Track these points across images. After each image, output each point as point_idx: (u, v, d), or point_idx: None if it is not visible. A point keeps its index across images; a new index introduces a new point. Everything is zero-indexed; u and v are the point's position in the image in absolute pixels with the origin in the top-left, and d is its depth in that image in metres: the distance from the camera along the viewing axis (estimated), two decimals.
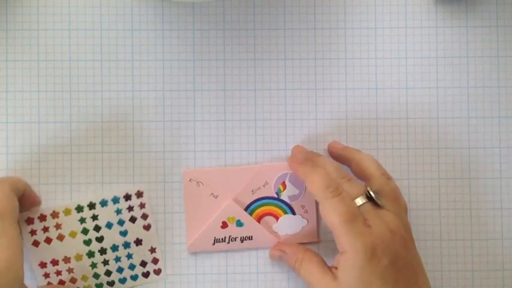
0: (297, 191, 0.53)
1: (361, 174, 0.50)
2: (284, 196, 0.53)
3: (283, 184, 0.53)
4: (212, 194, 0.52)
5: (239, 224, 0.52)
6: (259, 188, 0.53)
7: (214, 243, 0.52)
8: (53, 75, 0.53)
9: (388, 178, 0.49)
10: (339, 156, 0.52)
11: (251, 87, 0.54)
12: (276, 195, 0.53)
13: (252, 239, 0.52)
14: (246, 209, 0.53)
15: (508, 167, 0.54)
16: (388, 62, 0.54)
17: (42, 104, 0.53)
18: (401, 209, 0.48)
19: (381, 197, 0.47)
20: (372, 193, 0.47)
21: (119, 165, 0.53)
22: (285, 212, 0.53)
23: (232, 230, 0.52)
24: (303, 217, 0.53)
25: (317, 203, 0.52)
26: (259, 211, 0.53)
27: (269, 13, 0.54)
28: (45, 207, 0.52)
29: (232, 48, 0.54)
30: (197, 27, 0.54)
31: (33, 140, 0.53)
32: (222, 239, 0.52)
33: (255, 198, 0.53)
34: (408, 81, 0.54)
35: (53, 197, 0.53)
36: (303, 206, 0.53)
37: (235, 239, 0.52)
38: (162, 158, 0.53)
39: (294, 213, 0.53)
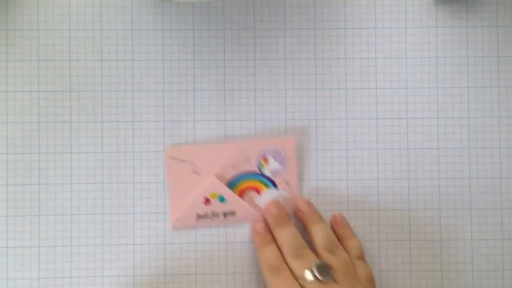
0: (279, 166, 0.53)
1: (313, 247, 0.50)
2: (266, 171, 0.53)
3: (265, 159, 0.53)
4: (194, 171, 0.53)
5: (222, 199, 0.52)
6: (240, 164, 0.53)
7: (197, 219, 0.52)
8: (53, 75, 0.53)
9: (332, 251, 0.49)
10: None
11: (251, 87, 0.54)
12: (258, 170, 0.53)
13: (235, 214, 0.53)
14: (228, 185, 0.53)
15: (508, 167, 0.54)
16: (388, 62, 0.54)
17: (42, 104, 0.53)
18: (356, 281, 0.48)
19: (332, 270, 0.47)
20: (314, 271, 0.47)
21: (118, 165, 0.53)
22: (267, 186, 0.53)
23: (215, 206, 0.52)
24: (285, 191, 0.53)
25: (298, 178, 0.53)
26: (241, 186, 0.53)
27: (269, 13, 0.54)
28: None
29: (232, 48, 0.54)
30: (197, 27, 0.54)
31: (33, 140, 0.53)
32: (205, 214, 0.52)
33: (237, 174, 0.53)
34: (408, 81, 0.54)
35: (52, 197, 0.53)
36: (285, 180, 0.53)
37: (218, 214, 0.53)
38: (163, 158, 0.53)
39: (276, 187, 0.53)
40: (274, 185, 0.53)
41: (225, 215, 0.53)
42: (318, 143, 0.54)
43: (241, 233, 0.53)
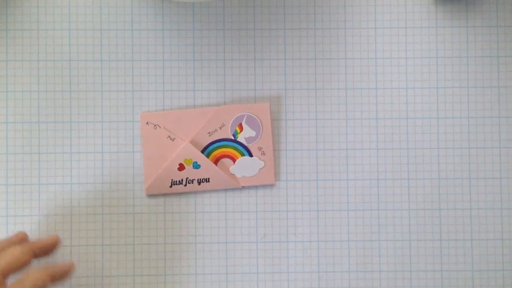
0: (253, 133, 0.53)
1: None
2: (241, 138, 0.53)
3: (240, 126, 0.53)
4: (169, 136, 0.52)
5: (196, 166, 0.52)
6: (215, 130, 0.53)
7: (171, 186, 0.52)
8: (53, 75, 0.53)
9: None
10: None
11: (251, 87, 0.54)
12: (232, 137, 0.53)
13: (209, 181, 0.53)
14: (203, 151, 0.53)
15: (508, 167, 0.54)
16: (388, 62, 0.54)
17: (42, 104, 0.53)
18: None
19: None
20: None
21: (119, 165, 0.53)
22: (242, 154, 0.53)
23: (189, 172, 0.52)
24: (259, 159, 0.53)
25: (274, 145, 0.53)
26: (216, 153, 0.53)
27: (269, 13, 0.54)
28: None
29: (232, 48, 0.54)
30: (197, 27, 0.54)
31: (33, 140, 0.53)
32: (179, 181, 0.52)
33: (211, 140, 0.53)
34: (408, 81, 0.54)
35: (53, 197, 0.53)
36: (259, 148, 0.53)
37: (192, 181, 0.53)
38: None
39: (251, 155, 0.53)
40: (249, 152, 0.53)
41: (199, 182, 0.53)
42: (319, 142, 0.54)
43: (240, 233, 0.53)
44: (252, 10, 0.54)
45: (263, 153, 0.53)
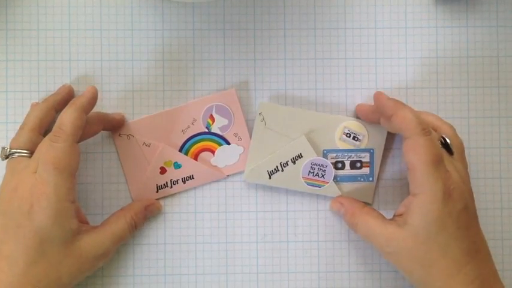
0: (226, 121, 0.53)
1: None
2: (215, 129, 0.53)
3: (211, 117, 0.53)
4: (144, 143, 0.52)
5: (177, 166, 0.52)
6: (188, 127, 0.53)
7: (157, 191, 0.53)
8: (53, 75, 0.53)
9: (455, 131, 0.50)
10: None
11: (251, 87, 0.54)
12: (206, 130, 0.53)
13: (193, 177, 0.53)
14: (180, 150, 0.53)
15: (508, 167, 0.54)
16: (388, 62, 0.54)
17: None
18: (465, 162, 0.49)
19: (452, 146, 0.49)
20: (448, 140, 0.48)
21: (118, 165, 0.53)
22: (220, 144, 0.53)
23: (172, 174, 0.53)
24: (238, 145, 0.53)
25: (250, 130, 0.53)
26: (194, 149, 0.53)
27: (269, 13, 0.54)
28: None
29: (232, 48, 0.54)
30: (197, 27, 0.54)
31: None
32: (164, 184, 0.53)
33: (187, 138, 0.53)
34: (408, 81, 0.54)
35: None
36: (235, 134, 0.53)
37: (177, 181, 0.53)
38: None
39: (228, 143, 0.53)
40: (226, 141, 0.53)
41: (184, 181, 0.53)
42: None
43: (240, 233, 0.53)
44: (252, 10, 0.54)
45: (240, 139, 0.53)
